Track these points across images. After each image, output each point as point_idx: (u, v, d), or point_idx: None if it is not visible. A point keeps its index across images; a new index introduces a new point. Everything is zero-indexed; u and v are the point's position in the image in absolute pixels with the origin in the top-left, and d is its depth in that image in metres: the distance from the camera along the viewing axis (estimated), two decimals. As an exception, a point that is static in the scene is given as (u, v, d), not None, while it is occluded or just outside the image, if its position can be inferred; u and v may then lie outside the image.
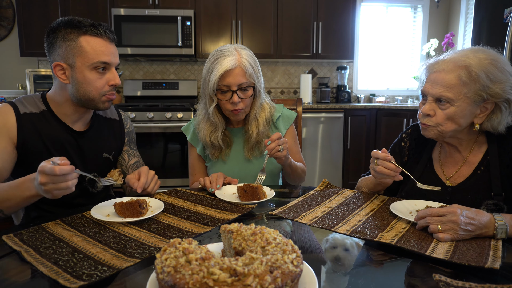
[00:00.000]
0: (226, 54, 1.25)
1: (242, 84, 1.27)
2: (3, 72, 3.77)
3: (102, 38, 1.12)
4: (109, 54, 1.12)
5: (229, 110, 1.31)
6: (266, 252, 0.55)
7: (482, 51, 1.01)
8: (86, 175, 0.99)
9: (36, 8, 3.42)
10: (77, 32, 1.09)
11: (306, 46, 3.80)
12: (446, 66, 1.01)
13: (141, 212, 0.92)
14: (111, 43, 1.15)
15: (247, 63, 1.26)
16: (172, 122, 3.24)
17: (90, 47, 1.09)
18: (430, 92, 1.03)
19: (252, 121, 1.37)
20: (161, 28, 3.48)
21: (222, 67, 1.23)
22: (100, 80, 1.13)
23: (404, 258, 0.74)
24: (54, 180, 0.84)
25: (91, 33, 1.10)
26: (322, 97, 4.04)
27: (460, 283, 0.57)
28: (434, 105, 1.03)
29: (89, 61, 1.10)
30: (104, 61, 1.11)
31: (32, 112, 1.15)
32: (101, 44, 1.11)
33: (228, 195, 1.14)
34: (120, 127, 1.37)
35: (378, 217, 0.95)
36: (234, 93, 1.26)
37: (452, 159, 1.14)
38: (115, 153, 1.34)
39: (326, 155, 3.65)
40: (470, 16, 3.87)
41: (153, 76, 4.01)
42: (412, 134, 1.25)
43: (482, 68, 0.97)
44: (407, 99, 4.34)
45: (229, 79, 1.25)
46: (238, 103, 1.28)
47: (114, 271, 0.65)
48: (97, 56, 1.10)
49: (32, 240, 0.79)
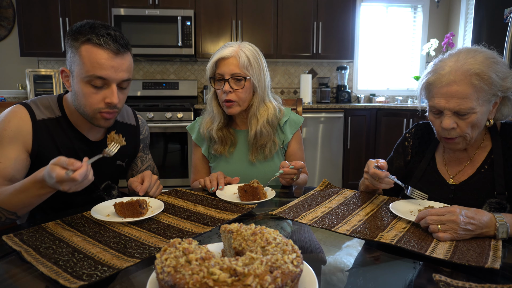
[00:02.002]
0: (227, 46, 1.33)
1: (235, 74, 1.30)
2: (3, 72, 3.77)
3: (103, 50, 0.99)
4: (108, 68, 0.99)
5: (222, 100, 1.34)
6: (266, 252, 0.55)
7: (474, 52, 1.01)
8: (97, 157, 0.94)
9: (36, 8, 3.42)
10: (81, 40, 0.99)
11: (306, 46, 3.80)
12: (454, 77, 0.98)
13: (141, 212, 0.92)
14: (116, 55, 1.00)
15: (243, 54, 1.31)
16: (172, 122, 3.24)
17: (88, 59, 0.98)
18: (446, 106, 1.00)
19: (252, 118, 1.38)
20: (161, 28, 3.48)
21: (218, 55, 1.31)
22: (94, 95, 1.02)
23: (404, 258, 0.74)
24: (76, 183, 0.84)
25: (93, 42, 0.98)
26: (322, 97, 4.04)
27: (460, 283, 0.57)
28: (454, 118, 1.01)
29: (83, 73, 0.99)
30: (100, 75, 0.99)
31: (48, 118, 1.09)
32: (101, 56, 0.99)
33: (229, 195, 1.14)
34: (136, 133, 1.32)
35: (378, 217, 0.95)
36: (226, 82, 1.31)
37: (457, 158, 1.14)
38: (129, 160, 1.30)
39: (326, 155, 3.65)
40: (470, 16, 3.87)
41: (153, 76, 4.01)
42: (416, 133, 1.25)
43: (489, 69, 0.97)
44: (407, 99, 4.34)
45: (223, 67, 1.31)
46: (229, 93, 1.31)
47: (114, 271, 0.65)
48: (92, 69, 0.98)
49: (32, 240, 0.79)
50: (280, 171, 1.19)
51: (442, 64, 1.02)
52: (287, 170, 1.18)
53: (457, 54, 1.02)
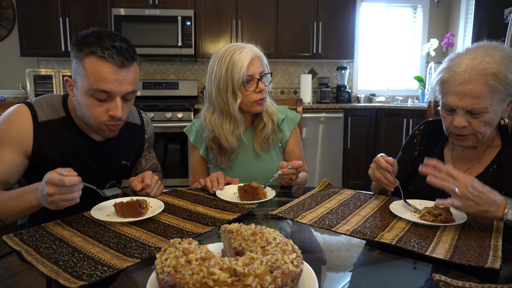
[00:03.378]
0: (240, 48, 1.29)
1: (262, 71, 1.32)
2: (3, 72, 3.77)
3: (108, 63, 0.96)
4: (112, 82, 0.97)
5: (255, 100, 1.31)
6: (266, 252, 0.55)
7: (492, 49, 0.97)
8: (91, 186, 0.95)
9: (36, 8, 3.42)
10: (85, 51, 0.97)
11: (306, 46, 3.80)
12: (470, 76, 0.95)
13: (141, 212, 0.92)
14: (121, 68, 0.98)
15: (260, 53, 1.34)
16: (172, 122, 3.24)
17: (91, 72, 0.96)
18: (459, 105, 0.98)
19: (264, 113, 1.39)
20: (161, 28, 3.48)
21: (247, 57, 1.26)
22: (98, 108, 1.00)
23: (404, 258, 0.74)
24: (62, 191, 0.83)
25: (97, 55, 0.95)
26: (322, 97, 4.04)
27: (460, 283, 0.57)
28: (467, 116, 1.00)
29: (86, 86, 0.97)
30: (104, 89, 0.97)
31: (50, 120, 1.09)
32: (105, 69, 0.96)
33: (229, 195, 1.14)
34: (141, 132, 1.31)
35: (378, 217, 0.95)
36: (259, 81, 1.30)
37: (465, 155, 1.13)
38: (133, 159, 1.30)
39: (326, 155, 3.65)
40: (470, 16, 3.87)
41: (153, 76, 4.01)
42: (425, 130, 1.25)
43: (506, 69, 0.94)
44: (407, 99, 4.34)
45: (253, 68, 1.29)
46: (263, 91, 1.32)
47: (114, 271, 0.65)
48: (96, 83, 0.96)
49: (32, 240, 0.79)
50: (279, 172, 1.19)
51: (458, 61, 0.99)
52: (285, 171, 1.18)
53: (475, 50, 0.99)
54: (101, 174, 1.20)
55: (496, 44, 1.00)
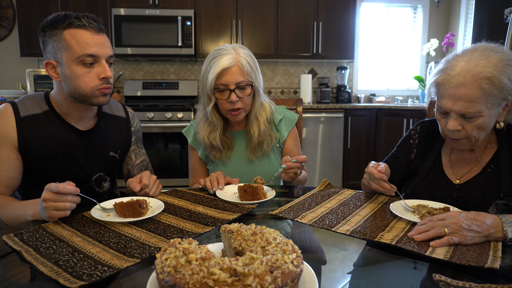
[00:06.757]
0: (223, 53, 1.25)
1: (240, 82, 1.26)
2: (3, 72, 3.77)
3: (86, 30, 1.06)
4: (95, 45, 1.06)
5: (227, 109, 1.30)
6: (266, 252, 0.55)
7: (489, 51, 0.96)
8: (88, 198, 0.97)
9: (36, 8, 3.42)
10: (61, 27, 1.05)
11: (306, 46, 3.80)
12: (464, 79, 0.94)
13: (141, 212, 0.92)
14: (98, 34, 1.08)
15: (244, 61, 1.26)
16: (172, 122, 3.24)
17: (74, 40, 1.04)
18: (453, 108, 0.97)
19: (253, 121, 1.36)
20: (161, 28, 3.48)
21: (219, 66, 1.23)
22: (89, 74, 1.08)
23: (404, 258, 0.74)
24: (55, 198, 0.86)
25: (75, 25, 1.05)
26: (322, 97, 4.04)
27: (460, 283, 0.57)
28: (460, 120, 0.99)
29: (74, 54, 1.05)
30: (90, 53, 1.05)
31: (33, 114, 1.13)
32: (86, 36, 1.05)
33: (229, 195, 1.14)
34: (127, 125, 1.34)
35: (378, 217, 0.95)
36: (232, 92, 1.26)
37: (464, 159, 1.12)
38: (122, 152, 1.32)
39: (326, 155, 3.65)
40: (470, 16, 3.87)
41: (153, 76, 4.01)
42: (422, 132, 1.24)
43: (502, 73, 0.93)
44: (407, 99, 4.34)
45: (227, 77, 1.24)
46: (236, 102, 1.27)
47: (114, 271, 0.65)
48: (82, 49, 1.05)
49: (32, 240, 0.79)
50: (283, 166, 1.18)
51: (454, 63, 0.98)
52: (290, 164, 1.18)
53: (472, 52, 0.98)
54: (89, 166, 1.21)
55: (494, 46, 0.99)
